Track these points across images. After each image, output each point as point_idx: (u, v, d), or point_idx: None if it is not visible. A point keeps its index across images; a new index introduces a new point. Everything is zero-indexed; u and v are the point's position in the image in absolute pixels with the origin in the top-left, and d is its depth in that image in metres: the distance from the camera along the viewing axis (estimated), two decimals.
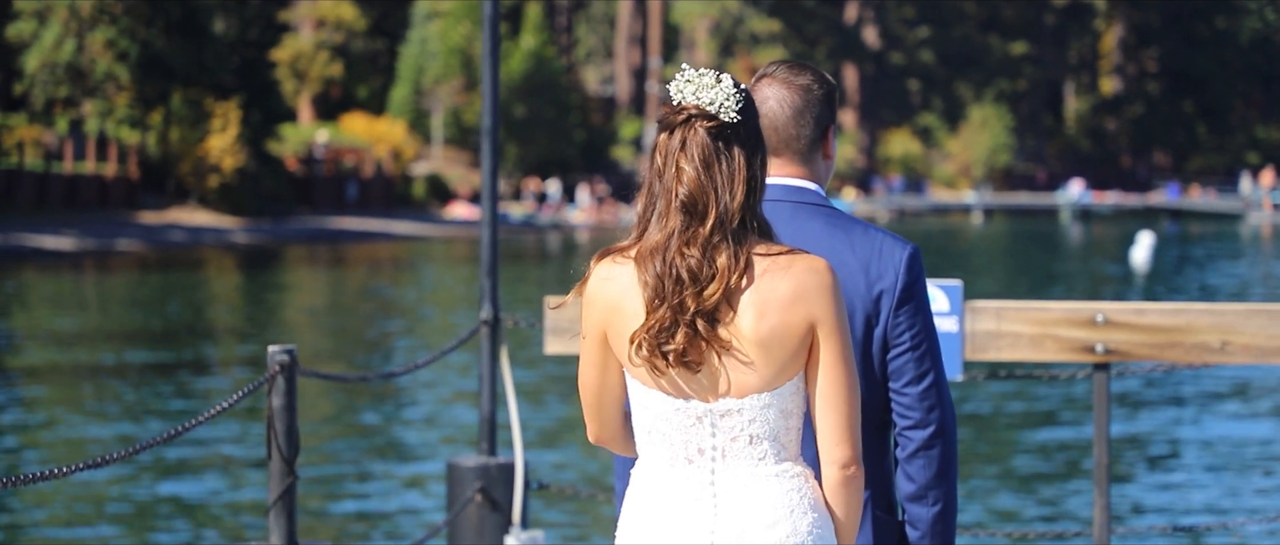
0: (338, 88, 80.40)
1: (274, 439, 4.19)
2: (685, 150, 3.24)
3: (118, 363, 22.23)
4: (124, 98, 59.41)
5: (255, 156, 62.08)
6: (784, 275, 3.23)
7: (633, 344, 3.24)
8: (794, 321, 3.22)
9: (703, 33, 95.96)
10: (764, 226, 3.28)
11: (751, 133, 3.29)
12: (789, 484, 3.27)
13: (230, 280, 39.71)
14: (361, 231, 60.98)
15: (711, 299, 3.20)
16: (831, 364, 3.24)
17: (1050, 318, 5.17)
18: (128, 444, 15.83)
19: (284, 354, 4.25)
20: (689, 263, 3.20)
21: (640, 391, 3.30)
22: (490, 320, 6.05)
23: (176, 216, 58.67)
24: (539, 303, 31.79)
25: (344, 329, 26.97)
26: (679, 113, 3.27)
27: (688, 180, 3.22)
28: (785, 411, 3.27)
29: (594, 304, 3.33)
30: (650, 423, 3.30)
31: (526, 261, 48.93)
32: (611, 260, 3.29)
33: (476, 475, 5.94)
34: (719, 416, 3.25)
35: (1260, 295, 34.34)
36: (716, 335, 3.21)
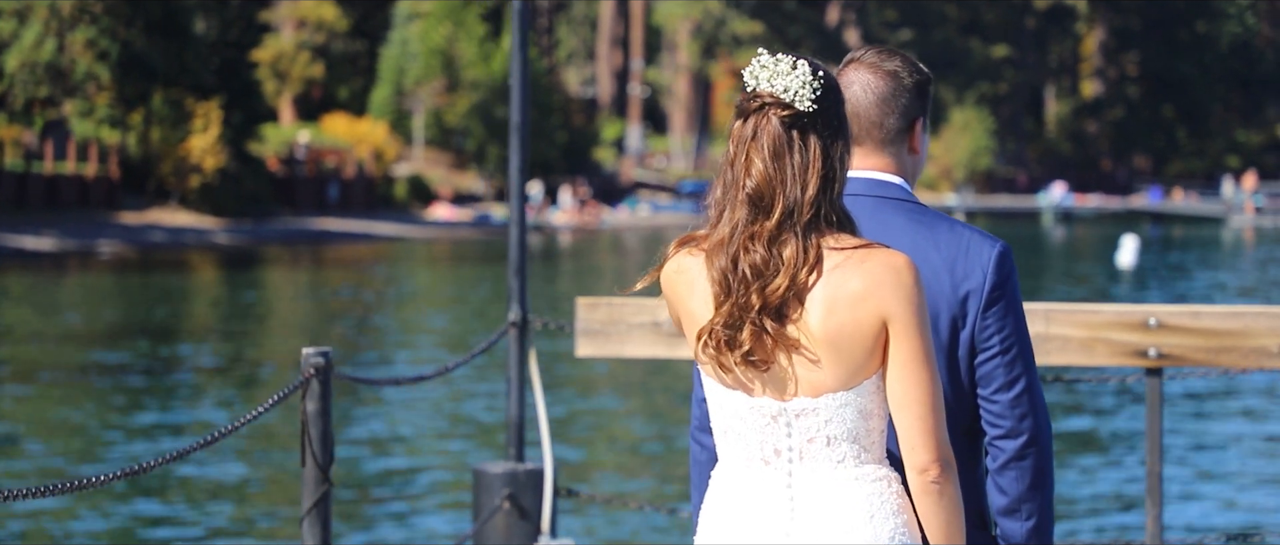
0: (319, 88, 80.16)
1: (308, 445, 4.02)
2: (756, 140, 3.12)
3: (122, 362, 22.04)
4: (105, 98, 59.14)
5: (236, 157, 61.85)
6: (857, 270, 3.09)
7: (700, 340, 3.14)
8: (864, 318, 3.08)
9: (684, 35, 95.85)
10: (844, 220, 3.14)
11: (831, 121, 3.14)
12: (870, 488, 3.13)
13: (215, 281, 39.49)
14: (343, 232, 60.78)
15: (777, 296, 3.08)
16: (906, 363, 3.09)
17: (1101, 321, 5.02)
18: (126, 444, 15.65)
19: (318, 357, 4.09)
20: (753, 258, 3.09)
21: (714, 389, 3.19)
22: (518, 322, 5.90)
23: (157, 217, 58.42)
24: (543, 304, 31.66)
25: (338, 332, 26.76)
26: (753, 100, 3.15)
27: (756, 172, 3.11)
28: (865, 412, 3.13)
29: (667, 297, 3.24)
30: (726, 422, 3.18)
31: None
32: (686, 251, 3.18)
33: (504, 482, 5.78)
34: (794, 416, 3.13)
35: (1260, 298, 34.28)
36: (783, 333, 3.08)
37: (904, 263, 3.10)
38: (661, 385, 19.78)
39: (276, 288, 37.92)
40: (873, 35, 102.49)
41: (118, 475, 3.41)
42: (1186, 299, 32.96)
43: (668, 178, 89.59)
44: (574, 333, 5.35)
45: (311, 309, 31.66)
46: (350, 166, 71.60)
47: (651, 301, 5.38)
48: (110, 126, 59.94)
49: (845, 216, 3.14)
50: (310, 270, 43.49)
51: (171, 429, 16.82)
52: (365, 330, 27.28)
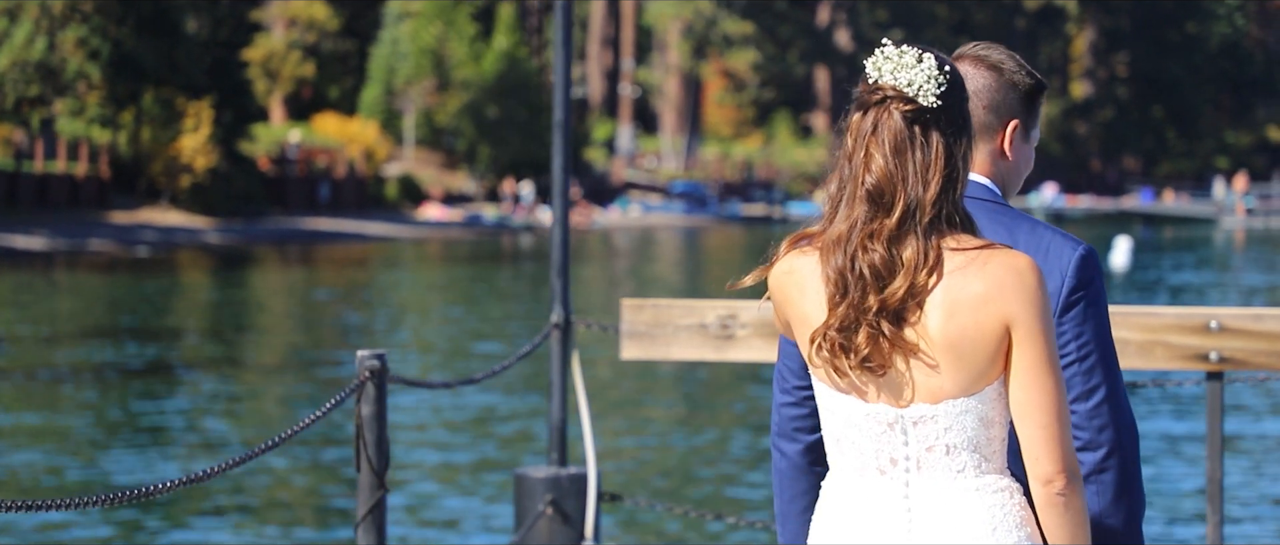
0: (309, 88, 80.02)
1: (363, 450, 3.92)
2: (877, 134, 2.98)
3: (138, 361, 21.93)
4: (95, 97, 58.98)
5: (227, 157, 61.71)
6: (978, 272, 2.96)
7: (813, 344, 3.00)
8: (987, 322, 2.95)
9: (675, 35, 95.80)
10: (966, 221, 3.00)
11: (955, 118, 3.01)
12: (992, 499, 2.99)
13: (209, 281, 39.36)
14: (334, 232, 60.65)
15: (895, 298, 2.94)
16: (1030, 368, 2.95)
17: (1160, 324, 4.92)
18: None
19: (374, 360, 3.99)
20: (872, 258, 2.95)
21: (827, 395, 3.04)
22: (561, 323, 5.79)
23: (148, 217, 58.26)
24: (536, 305, 31.58)
25: (344, 333, 26.65)
26: (875, 93, 3.00)
27: (876, 168, 2.96)
28: (986, 419, 2.99)
29: (776, 298, 3.10)
30: (839, 430, 3.05)
31: (501, 262, 48.66)
32: (798, 250, 3.05)
33: (547, 487, 5.68)
34: (912, 423, 2.98)
35: (1264, 299, 34.23)
36: (901, 337, 2.95)
37: (1027, 264, 2.98)
38: (707, 388, 19.53)
39: (276, 288, 37.80)
40: (864, 36, 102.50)
41: (178, 482, 3.31)
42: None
43: (659, 178, 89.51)
44: (618, 334, 5.24)
45: (315, 310, 31.54)
46: (341, 166, 71.48)
47: (699, 302, 5.28)
48: (101, 126, 59.79)
49: (967, 218, 3.01)
50: (304, 271, 43.37)
51: (163, 435, 16.71)
52: (369, 332, 27.16)
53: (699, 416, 17.70)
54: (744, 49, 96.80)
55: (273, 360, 22.90)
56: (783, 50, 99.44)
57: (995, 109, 3.36)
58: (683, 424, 17.26)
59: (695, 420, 17.48)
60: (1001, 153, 3.38)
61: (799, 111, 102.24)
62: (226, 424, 17.01)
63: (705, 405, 18.52)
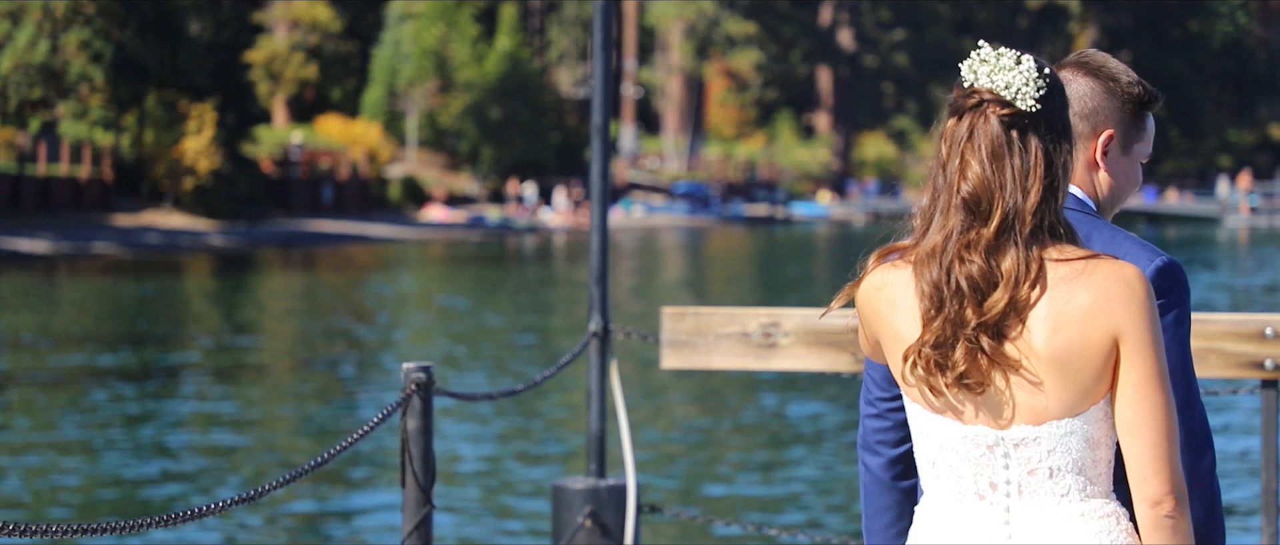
0: (312, 90, 79.96)
1: (409, 464, 3.82)
2: (972, 140, 2.84)
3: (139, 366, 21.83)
4: (98, 99, 58.91)
5: (230, 159, 61.64)
6: (1084, 283, 2.81)
7: (906, 361, 2.85)
8: (1095, 336, 2.80)
9: (677, 35, 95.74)
10: (1069, 231, 2.87)
11: (1056, 124, 2.87)
12: (1098, 525, 2.85)
13: (214, 284, 39.28)
14: (338, 234, 60.57)
15: (995, 311, 2.80)
16: (1139, 384, 2.81)
17: (1214, 330, 4.82)
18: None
19: (420, 372, 3.89)
20: (969, 269, 2.80)
21: (921, 417, 2.90)
22: (600, 332, 5.69)
23: (151, 219, 58.19)
24: (558, 308, 31.49)
25: (361, 339, 26.54)
26: (970, 96, 2.87)
27: (973, 175, 2.82)
28: (1092, 440, 2.84)
29: (864, 315, 2.94)
30: (934, 453, 2.90)
31: (507, 264, 48.57)
32: (889, 265, 2.90)
33: (586, 498, 5.58)
34: (1013, 445, 2.84)
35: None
36: (1002, 352, 2.80)
37: (1135, 274, 2.84)
38: (749, 398, 19.36)
39: (282, 292, 37.71)
40: (866, 35, 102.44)
41: (232, 501, 3.22)
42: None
43: (661, 178, 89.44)
44: (660, 343, 5.14)
45: (324, 315, 31.45)
46: (344, 168, 71.42)
47: (740, 310, 5.18)
48: (104, 128, 59.72)
49: (1069, 228, 2.87)
50: (309, 274, 43.27)
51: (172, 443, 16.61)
52: (388, 340, 27.06)
53: (739, 426, 17.53)
54: (746, 49, 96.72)
55: (285, 367, 22.80)
56: (785, 50, 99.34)
57: (1088, 116, 3.25)
58: (723, 433, 17.06)
59: (736, 430, 17.29)
60: (1094, 163, 3.26)
61: (801, 111, 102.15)
62: (244, 435, 16.88)
63: (746, 415, 18.33)
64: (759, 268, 47.06)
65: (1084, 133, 3.24)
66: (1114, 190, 3.29)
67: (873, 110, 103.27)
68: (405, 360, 7.06)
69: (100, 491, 13.61)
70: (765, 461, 15.50)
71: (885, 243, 2.98)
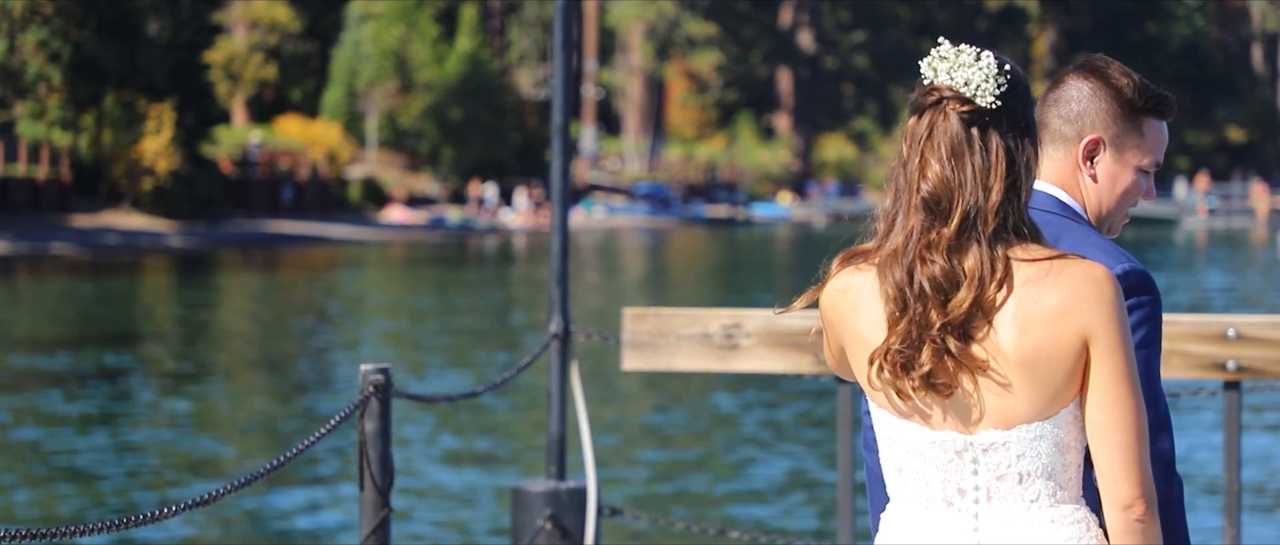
0: (271, 90, 79.70)
1: (367, 467, 3.78)
2: (932, 138, 2.79)
3: (95, 368, 21.69)
4: (56, 100, 58.59)
5: (189, 159, 61.39)
6: (1052, 283, 2.76)
7: (872, 365, 2.80)
8: (1064, 337, 2.75)
9: (638, 36, 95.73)
10: (1034, 231, 2.81)
11: (1018, 121, 2.82)
12: (1068, 532, 2.79)
13: (172, 286, 39.10)
14: (298, 235, 60.36)
15: (959, 311, 2.74)
16: (1109, 386, 2.75)
17: (1177, 332, 4.81)
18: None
19: (378, 374, 3.85)
20: (931, 270, 2.75)
21: (887, 423, 2.84)
22: (561, 333, 5.65)
23: (110, 220, 57.91)
24: (507, 308, 31.42)
25: (314, 340, 26.44)
26: (930, 94, 2.82)
27: (932, 174, 2.77)
28: (1061, 444, 2.78)
29: (828, 320, 2.88)
30: (901, 459, 2.84)
31: (467, 265, 48.48)
32: (852, 267, 2.85)
33: (546, 501, 5.53)
34: (982, 451, 2.78)
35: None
36: (969, 353, 2.75)
37: (1104, 274, 2.78)
38: (710, 399, 19.29)
39: (240, 292, 37.56)
40: (826, 37, 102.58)
41: (186, 506, 3.17)
42: None
43: (622, 180, 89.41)
44: (620, 344, 5.10)
45: (284, 316, 31.34)
46: (304, 169, 71.20)
47: (702, 311, 5.15)
48: (62, 129, 59.39)
49: (1035, 228, 2.82)
50: (268, 275, 43.11)
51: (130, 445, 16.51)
52: (352, 341, 26.97)
53: (700, 427, 17.46)
54: (707, 50, 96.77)
55: (242, 368, 22.69)
56: (745, 52, 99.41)
57: (1073, 120, 3.21)
58: (685, 435, 17.00)
59: (697, 432, 17.22)
60: (1079, 167, 3.22)
61: (762, 113, 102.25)
62: (205, 439, 16.77)
63: (707, 416, 18.27)
64: (720, 269, 47.07)
65: (1069, 136, 3.21)
66: (1101, 196, 3.23)
67: (833, 111, 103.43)
68: (364, 362, 6.98)
69: (56, 494, 13.51)
70: (726, 463, 15.46)
71: (848, 246, 2.93)
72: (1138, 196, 3.28)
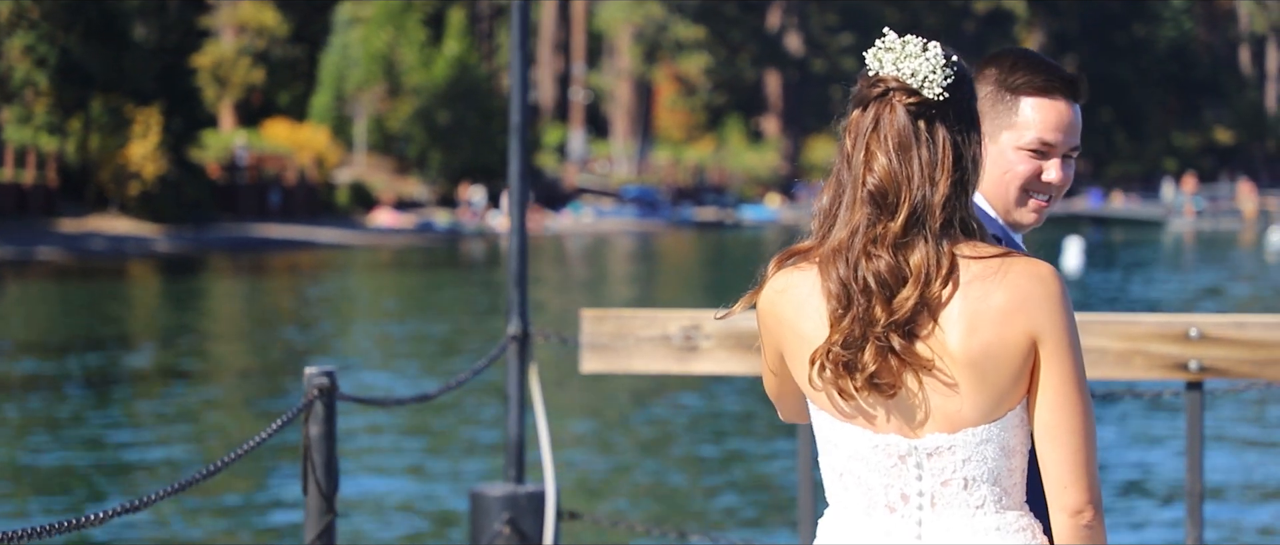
0: (259, 94, 79.59)
1: (311, 471, 3.72)
2: (878, 131, 2.71)
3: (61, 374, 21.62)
4: (43, 104, 58.48)
5: (177, 164, 61.29)
6: (999, 282, 2.67)
7: (814, 365, 2.70)
8: (1012, 337, 2.66)
9: (626, 39, 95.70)
10: (980, 228, 2.73)
11: (965, 114, 2.73)
12: (1013, 539, 2.70)
13: (156, 289, 39.02)
14: (285, 240, 60.27)
15: (905, 309, 2.65)
16: (1059, 387, 2.67)
17: (1139, 331, 4.76)
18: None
19: (322, 377, 3.79)
20: (877, 265, 2.67)
21: (829, 426, 2.75)
22: (519, 335, 5.60)
23: (97, 225, 57.79)
24: (487, 313, 31.33)
25: (294, 344, 26.36)
26: (875, 86, 2.75)
27: (878, 167, 2.69)
28: (1008, 449, 2.70)
29: (766, 322, 2.79)
30: (842, 463, 2.75)
31: (453, 269, 48.42)
32: (791, 267, 2.75)
33: (504, 505, 5.48)
34: (926, 455, 2.69)
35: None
36: (914, 352, 2.66)
37: (1050, 272, 2.71)
38: (670, 401, 19.20)
39: (223, 297, 37.49)
40: (814, 40, 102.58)
41: (117, 511, 3.12)
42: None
43: (610, 183, 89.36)
44: (579, 346, 5.06)
45: (263, 320, 31.26)
46: (292, 173, 71.10)
47: (661, 313, 5.10)
48: (48, 133, 59.28)
49: (980, 225, 2.74)
50: (253, 279, 43.02)
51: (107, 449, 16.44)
52: (322, 344, 26.91)
53: (661, 431, 17.38)
54: (695, 53, 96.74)
55: (216, 373, 22.60)
56: (733, 54, 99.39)
57: None
58: (645, 438, 16.91)
59: (657, 434, 17.15)
60: None
61: (750, 115, 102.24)
62: (166, 443, 16.65)
63: (667, 418, 18.20)
64: (707, 272, 47.03)
65: None
66: (990, 185, 3.15)
67: (821, 114, 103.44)
68: (333, 365, 6.89)
69: (20, 493, 13.45)
70: (687, 465, 15.39)
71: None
72: (1034, 181, 3.17)
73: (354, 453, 15.31)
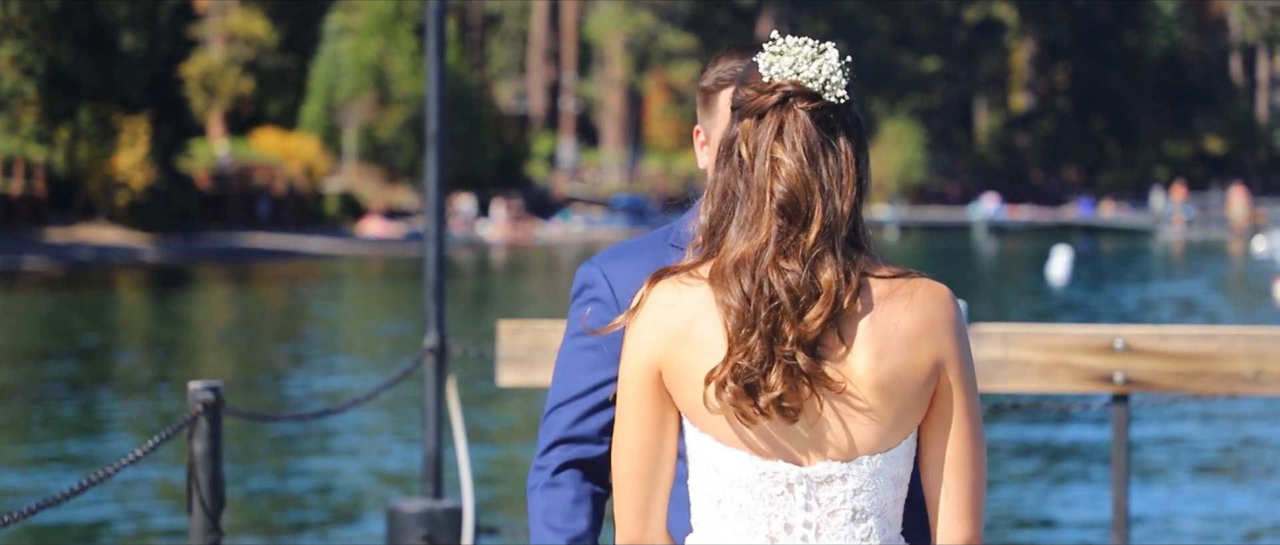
0: (249, 103, 79.51)
1: (196, 490, 3.62)
2: (782, 138, 2.54)
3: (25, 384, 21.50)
4: (31, 113, 58.38)
5: (165, 173, 61.19)
6: (906, 304, 2.53)
7: (710, 385, 2.51)
8: (919, 363, 2.52)
9: (617, 48, 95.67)
10: (871, 243, 2.59)
11: (858, 120, 2.60)
12: None
13: (140, 301, 38.90)
14: (274, 250, 60.17)
15: (815, 326, 2.48)
16: (963, 417, 2.54)
17: (1063, 343, 4.66)
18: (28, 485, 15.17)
19: (207, 392, 3.69)
20: (788, 279, 2.48)
21: (712, 451, 2.56)
22: (435, 348, 5.50)
23: (85, 234, 57.68)
24: (472, 325, 31.21)
25: (263, 356, 26.24)
26: (771, 92, 2.58)
27: (787, 174, 2.52)
28: (897, 479, 2.56)
29: (646, 337, 2.57)
30: (722, 491, 2.56)
31: (448, 279, 48.28)
32: (676, 281, 2.56)
33: (421, 521, 5.40)
34: (816, 484, 2.53)
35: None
36: (823, 373, 2.49)
37: (949, 294, 2.57)
38: None
39: (207, 308, 37.37)
40: None
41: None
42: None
43: (601, 192, 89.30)
44: (496, 359, 4.96)
45: (243, 331, 31.15)
46: (281, 182, 71.00)
47: None
48: (36, 143, 59.17)
49: (870, 240, 2.59)
50: (236, 289, 42.91)
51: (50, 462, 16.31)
52: (294, 353, 26.80)
53: None
54: (686, 62, 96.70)
55: (181, 382, 22.44)
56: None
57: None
58: None
59: None
60: None
61: None
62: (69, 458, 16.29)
63: None
64: None
65: None
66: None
67: None
68: (313, 382, 6.79)
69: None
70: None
71: None
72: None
73: (272, 466, 15.02)
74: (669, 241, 2.98)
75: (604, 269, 2.95)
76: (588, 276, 2.96)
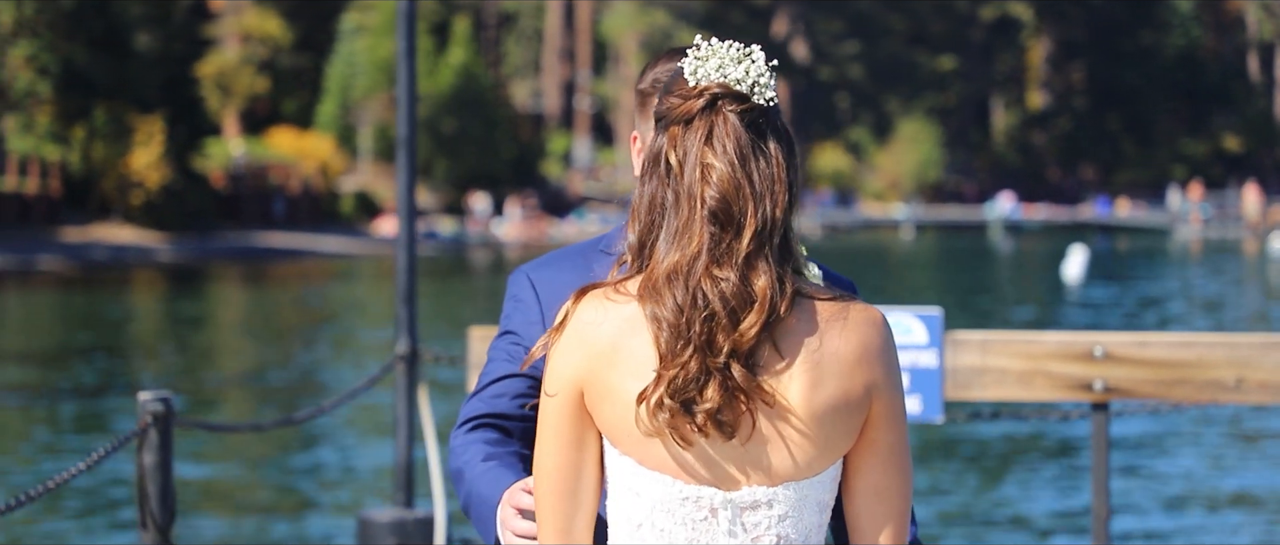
0: (264, 103, 79.57)
1: (145, 503, 3.54)
2: (712, 142, 2.45)
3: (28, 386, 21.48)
4: (46, 113, 58.46)
5: (180, 172, 61.26)
6: (841, 329, 2.44)
7: (642, 405, 2.41)
8: (854, 390, 2.44)
9: (631, 47, 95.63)
10: (801, 256, 2.52)
11: (786, 126, 2.52)
12: None
13: (152, 300, 38.92)
14: (289, 249, 60.19)
15: (748, 336, 2.39)
16: (894, 446, 2.47)
17: (1042, 351, 4.57)
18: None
19: (158, 403, 3.61)
20: (722, 287, 2.40)
21: (634, 474, 2.46)
22: (407, 355, 5.43)
23: (100, 234, 57.75)
24: (463, 330, 31.18)
25: (262, 357, 26.22)
26: (698, 95, 2.49)
27: (719, 179, 2.43)
28: (822, 505, 2.49)
29: (571, 354, 2.46)
30: (643, 514, 2.47)
31: (460, 277, 48.31)
32: (603, 297, 2.46)
33: (391, 530, 5.32)
34: (741, 509, 2.44)
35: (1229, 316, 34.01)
36: (759, 388, 2.41)
37: (882, 318, 2.50)
38: None
39: (215, 308, 37.37)
40: (820, 47, 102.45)
41: None
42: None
43: (616, 191, 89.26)
44: (467, 366, 4.89)
45: (247, 332, 31.14)
46: (296, 181, 71.03)
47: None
48: (52, 142, 59.26)
49: (799, 250, 2.52)
50: (254, 288, 42.91)
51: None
52: (292, 355, 26.77)
53: None
54: None
55: (189, 386, 22.44)
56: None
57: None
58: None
59: None
60: None
61: None
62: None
63: None
64: None
65: None
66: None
67: (827, 122, 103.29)
68: (304, 384, 6.67)
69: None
70: None
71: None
72: None
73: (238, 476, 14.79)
74: (599, 248, 2.94)
75: (531, 275, 2.98)
76: (514, 282, 3.01)
